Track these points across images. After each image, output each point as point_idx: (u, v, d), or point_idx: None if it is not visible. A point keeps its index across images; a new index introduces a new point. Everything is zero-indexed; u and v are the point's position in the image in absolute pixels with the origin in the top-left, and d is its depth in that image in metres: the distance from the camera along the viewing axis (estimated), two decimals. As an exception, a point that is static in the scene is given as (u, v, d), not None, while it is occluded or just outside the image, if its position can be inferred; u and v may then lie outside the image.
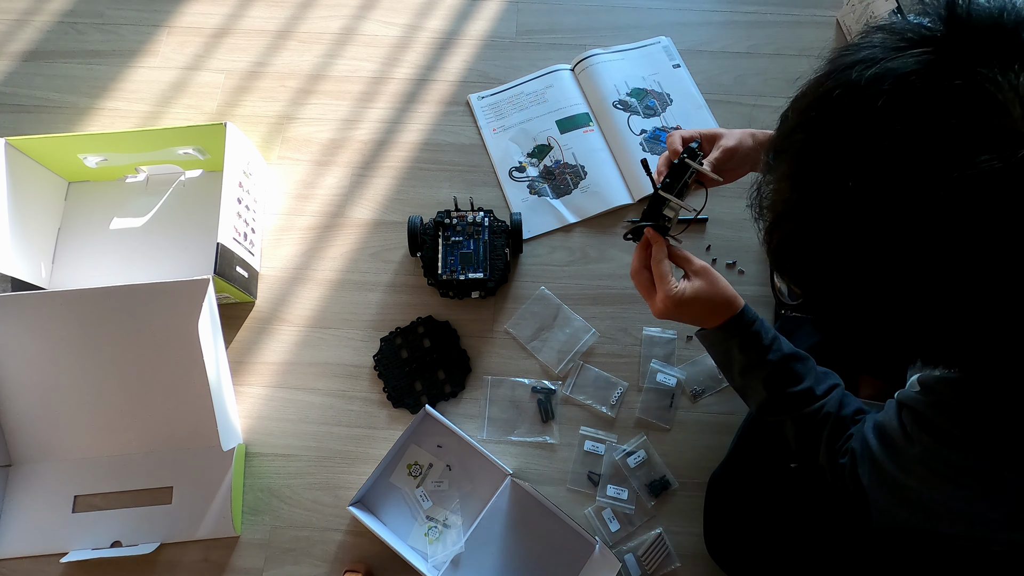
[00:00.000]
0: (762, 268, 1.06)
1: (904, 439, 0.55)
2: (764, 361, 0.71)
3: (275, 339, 1.03)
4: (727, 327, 0.73)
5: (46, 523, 0.93)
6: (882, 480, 0.59)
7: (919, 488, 0.55)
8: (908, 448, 0.55)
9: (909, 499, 0.57)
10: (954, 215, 0.38)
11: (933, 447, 0.52)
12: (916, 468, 0.55)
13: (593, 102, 1.18)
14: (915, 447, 0.54)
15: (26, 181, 1.02)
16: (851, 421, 0.68)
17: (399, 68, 1.21)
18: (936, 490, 0.54)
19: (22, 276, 0.99)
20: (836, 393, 0.71)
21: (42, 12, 1.26)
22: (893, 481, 0.57)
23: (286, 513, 0.94)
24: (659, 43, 1.22)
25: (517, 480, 0.93)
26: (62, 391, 0.96)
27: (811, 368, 0.72)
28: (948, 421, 0.52)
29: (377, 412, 0.99)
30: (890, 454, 0.57)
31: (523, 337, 1.02)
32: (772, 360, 0.71)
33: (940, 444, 0.52)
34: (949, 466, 0.52)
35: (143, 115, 1.18)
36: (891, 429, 0.57)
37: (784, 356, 0.72)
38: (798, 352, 0.73)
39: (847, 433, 0.67)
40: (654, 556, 0.90)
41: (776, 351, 0.72)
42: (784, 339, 0.74)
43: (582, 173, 1.13)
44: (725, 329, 0.73)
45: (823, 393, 0.70)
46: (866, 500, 0.62)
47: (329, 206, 1.11)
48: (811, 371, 0.72)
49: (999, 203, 0.37)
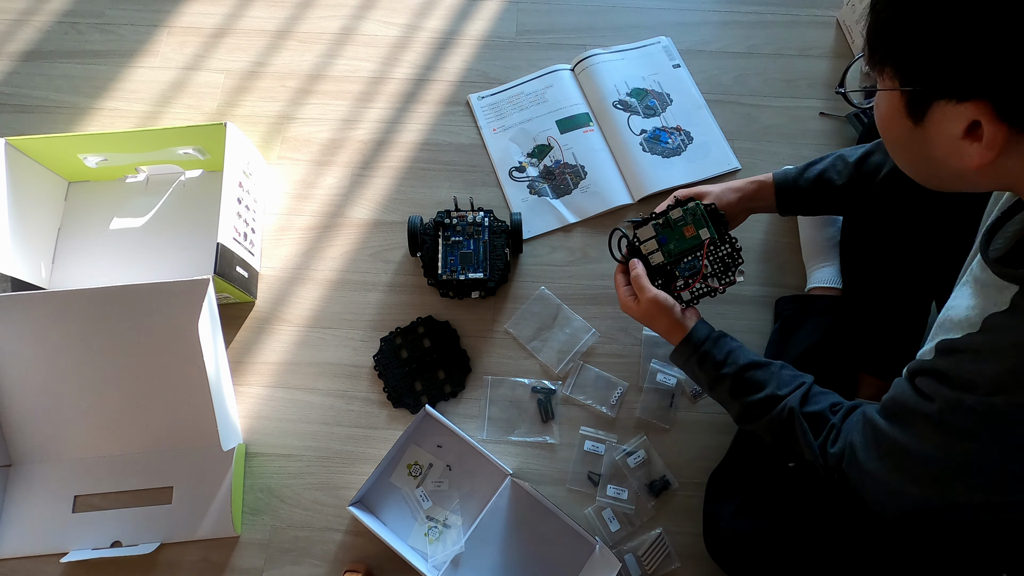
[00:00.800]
0: (762, 268, 1.06)
1: (920, 401, 0.54)
2: (722, 376, 0.75)
3: (275, 339, 1.03)
4: (682, 346, 0.79)
5: (46, 523, 0.93)
6: (893, 459, 0.58)
7: (935, 454, 0.54)
8: (926, 407, 0.54)
9: (924, 474, 0.56)
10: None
11: (954, 398, 0.51)
12: (933, 432, 0.53)
13: (593, 102, 1.18)
14: (933, 404, 0.53)
15: (26, 181, 1.02)
16: (828, 412, 0.68)
17: (399, 68, 1.21)
18: (954, 450, 0.53)
19: (22, 276, 0.99)
20: (801, 390, 0.71)
21: (42, 12, 1.26)
22: (905, 455, 0.56)
23: (286, 513, 0.94)
24: (659, 43, 1.22)
25: (517, 480, 0.93)
26: (62, 391, 0.96)
27: (774, 373, 0.73)
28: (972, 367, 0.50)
29: (377, 412, 0.99)
30: (903, 426, 0.57)
31: (523, 337, 1.02)
32: (729, 373, 0.75)
33: (962, 391, 0.51)
34: (971, 415, 0.51)
35: (143, 115, 1.18)
36: (903, 399, 0.57)
37: (740, 367, 0.74)
38: (758, 360, 0.75)
39: (829, 424, 0.67)
40: (654, 556, 0.90)
41: (731, 364, 0.75)
42: (744, 350, 0.77)
43: (582, 173, 1.13)
44: (682, 348, 0.79)
45: (786, 394, 0.71)
46: (868, 490, 0.61)
47: (329, 206, 1.11)
48: (773, 376, 0.73)
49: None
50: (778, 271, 1.06)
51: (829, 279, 0.99)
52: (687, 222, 0.84)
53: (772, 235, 1.08)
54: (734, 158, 1.13)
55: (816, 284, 0.99)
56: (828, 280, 0.99)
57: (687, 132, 1.15)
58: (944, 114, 0.47)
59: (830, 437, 0.66)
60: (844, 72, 0.60)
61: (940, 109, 0.47)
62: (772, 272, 1.06)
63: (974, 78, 0.44)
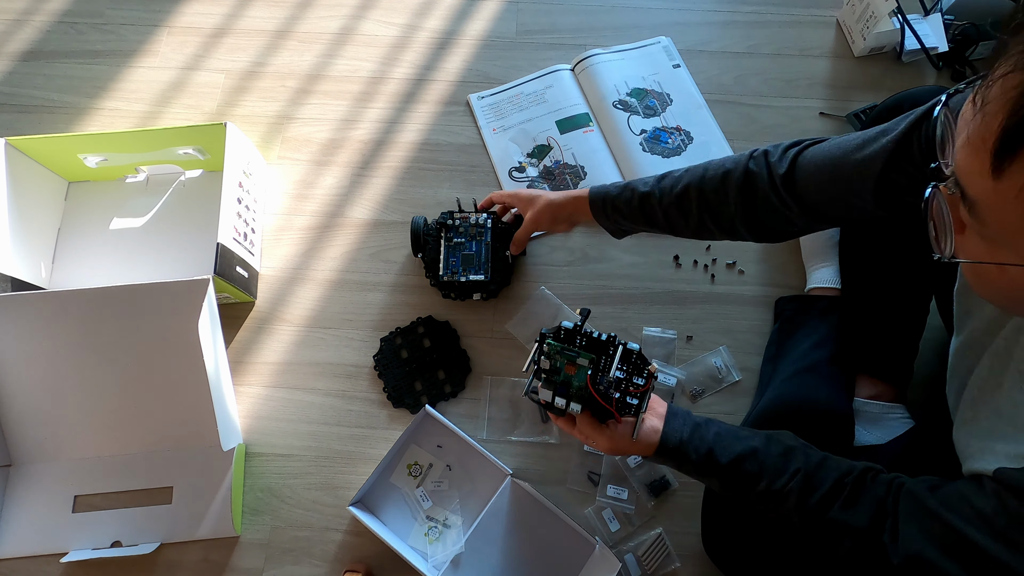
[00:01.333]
0: (762, 268, 1.06)
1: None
2: (707, 476, 0.70)
3: (275, 339, 1.03)
4: (656, 456, 0.72)
5: (46, 523, 0.93)
6: None
7: None
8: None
9: None
10: None
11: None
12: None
13: (593, 102, 1.18)
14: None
15: (26, 181, 1.02)
16: (855, 483, 0.62)
17: (398, 68, 1.21)
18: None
19: (22, 276, 0.99)
20: (797, 478, 0.64)
21: (41, 12, 1.26)
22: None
23: (286, 513, 0.94)
24: (659, 43, 1.22)
25: (517, 480, 0.93)
26: (62, 391, 0.96)
27: (762, 462, 0.66)
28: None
29: (377, 412, 0.99)
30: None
31: (523, 337, 1.02)
32: (714, 474, 0.69)
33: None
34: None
35: (143, 115, 1.18)
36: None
37: (723, 466, 0.68)
38: (742, 451, 0.67)
39: (878, 506, 0.60)
40: (654, 556, 0.90)
41: (713, 464, 0.68)
42: (723, 440, 0.69)
43: (582, 173, 1.13)
44: (657, 458, 0.72)
45: (783, 486, 0.64)
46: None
47: (329, 206, 1.11)
48: (764, 467, 0.66)
49: None
50: (778, 271, 1.06)
51: (829, 279, 0.99)
52: (561, 362, 0.71)
53: (772, 235, 1.08)
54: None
55: (816, 284, 0.99)
56: (828, 280, 0.99)
57: (687, 132, 1.15)
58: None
59: (845, 527, 0.60)
60: (949, 238, 0.48)
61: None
62: (772, 272, 1.06)
63: None
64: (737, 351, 1.00)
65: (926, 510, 0.55)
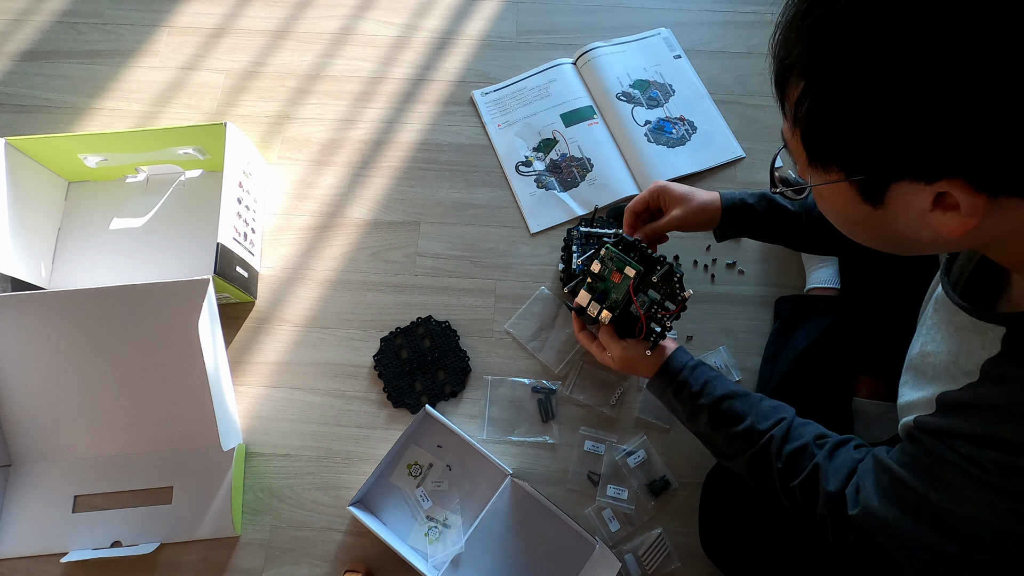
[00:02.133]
0: (762, 268, 1.06)
1: (959, 460, 0.50)
2: (699, 406, 0.74)
3: (275, 339, 1.03)
4: (658, 376, 0.78)
5: (46, 523, 0.93)
6: (925, 516, 0.53)
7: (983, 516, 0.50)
8: (966, 467, 0.50)
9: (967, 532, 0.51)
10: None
11: (998, 458, 0.48)
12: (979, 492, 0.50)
13: (596, 95, 1.18)
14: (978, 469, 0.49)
15: (26, 181, 1.02)
16: (813, 447, 0.65)
17: (398, 68, 1.21)
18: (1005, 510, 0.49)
19: (22, 276, 0.99)
20: (782, 424, 0.68)
21: (41, 12, 1.26)
22: (942, 513, 0.52)
23: (286, 513, 0.94)
24: (659, 34, 1.23)
25: (517, 480, 0.93)
26: (62, 391, 0.96)
27: (753, 405, 0.71)
28: (1006, 428, 0.47)
29: (377, 412, 0.99)
30: (933, 484, 0.53)
31: (523, 337, 1.02)
32: (706, 404, 0.73)
33: (1009, 454, 0.47)
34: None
35: (142, 115, 1.18)
36: (923, 453, 0.53)
37: (718, 398, 0.73)
38: (736, 391, 0.73)
39: (814, 462, 0.64)
40: (654, 556, 0.90)
41: (708, 395, 0.73)
42: (722, 379, 0.75)
43: (588, 166, 1.13)
44: (657, 378, 0.79)
45: (767, 428, 0.68)
46: (885, 538, 0.57)
47: (328, 206, 1.11)
48: (753, 408, 0.71)
49: None
50: (778, 271, 1.06)
51: (828, 279, 0.99)
52: (610, 269, 0.80)
53: (772, 235, 1.08)
54: (738, 146, 1.14)
55: (815, 284, 1.00)
56: (827, 280, 0.99)
57: (690, 122, 1.15)
58: (907, 192, 0.43)
59: (820, 476, 0.63)
60: (772, 169, 0.55)
61: (901, 188, 0.43)
62: (772, 272, 1.06)
63: (943, 160, 0.40)
64: (737, 351, 1.00)
65: (880, 464, 0.58)
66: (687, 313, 1.03)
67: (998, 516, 0.49)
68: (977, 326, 0.52)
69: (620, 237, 0.81)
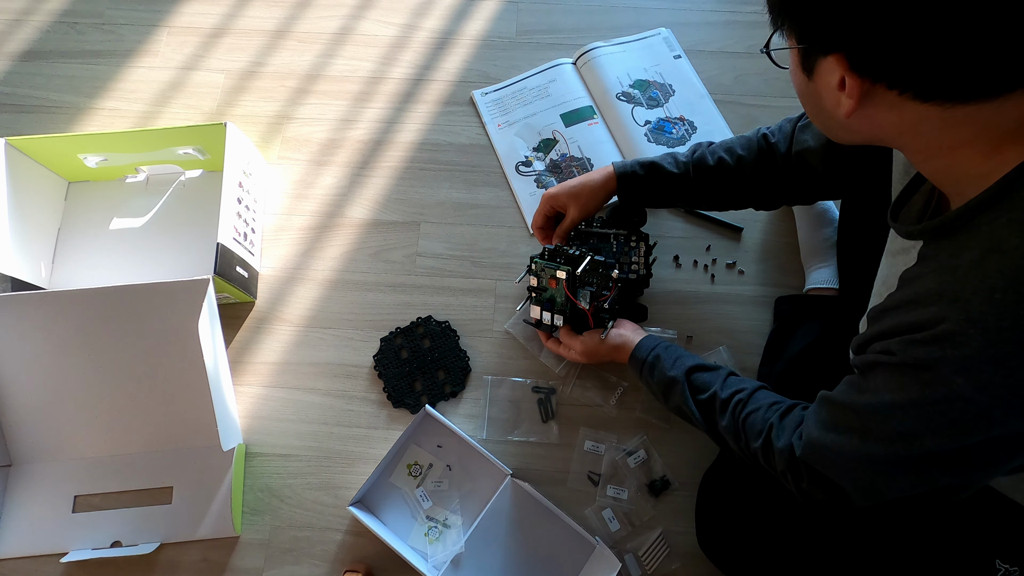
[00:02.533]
0: (762, 268, 1.06)
1: (878, 356, 0.54)
2: (672, 379, 0.79)
3: (275, 339, 1.03)
4: (632, 360, 0.86)
5: (46, 523, 0.93)
6: (853, 425, 0.57)
7: (900, 399, 0.52)
8: (883, 359, 0.54)
9: (889, 429, 0.54)
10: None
11: (906, 339, 0.51)
12: (892, 376, 0.53)
13: (596, 95, 1.18)
14: (891, 356, 0.52)
15: (26, 181, 1.02)
16: (768, 411, 0.69)
17: (397, 68, 1.21)
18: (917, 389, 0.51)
19: (22, 276, 0.99)
20: (742, 393, 0.73)
21: (41, 12, 1.26)
22: (868, 415, 0.55)
23: (286, 513, 0.94)
24: (659, 34, 1.23)
25: (517, 480, 0.93)
26: (62, 391, 0.96)
27: (719, 375, 0.77)
28: (910, 317, 0.51)
29: (377, 412, 0.99)
30: (860, 389, 0.57)
31: (523, 337, 1.02)
32: (676, 376, 0.79)
33: (910, 332, 0.51)
34: (926, 346, 0.50)
35: (142, 115, 1.18)
36: (856, 366, 0.58)
37: (688, 368, 0.79)
38: (706, 364, 0.80)
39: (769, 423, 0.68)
40: (654, 556, 0.90)
41: (679, 367, 0.80)
42: (692, 356, 0.82)
43: (588, 166, 1.13)
44: (632, 362, 0.86)
45: (728, 397, 0.74)
46: (832, 468, 0.59)
47: (328, 206, 1.11)
48: (718, 378, 0.76)
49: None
50: (777, 271, 1.06)
51: (827, 279, 0.99)
52: (545, 278, 0.92)
53: (771, 235, 1.08)
54: None
55: (814, 284, 1.00)
56: (826, 280, 0.99)
57: (690, 122, 1.15)
58: (825, 68, 0.50)
59: (772, 434, 0.67)
60: (770, 36, 0.62)
61: (822, 64, 0.50)
62: (771, 272, 1.06)
63: (831, 32, 0.47)
64: (737, 351, 1.00)
65: (820, 400, 0.62)
66: (688, 313, 1.03)
67: (903, 393, 0.52)
68: (905, 247, 0.56)
69: (543, 248, 0.92)
